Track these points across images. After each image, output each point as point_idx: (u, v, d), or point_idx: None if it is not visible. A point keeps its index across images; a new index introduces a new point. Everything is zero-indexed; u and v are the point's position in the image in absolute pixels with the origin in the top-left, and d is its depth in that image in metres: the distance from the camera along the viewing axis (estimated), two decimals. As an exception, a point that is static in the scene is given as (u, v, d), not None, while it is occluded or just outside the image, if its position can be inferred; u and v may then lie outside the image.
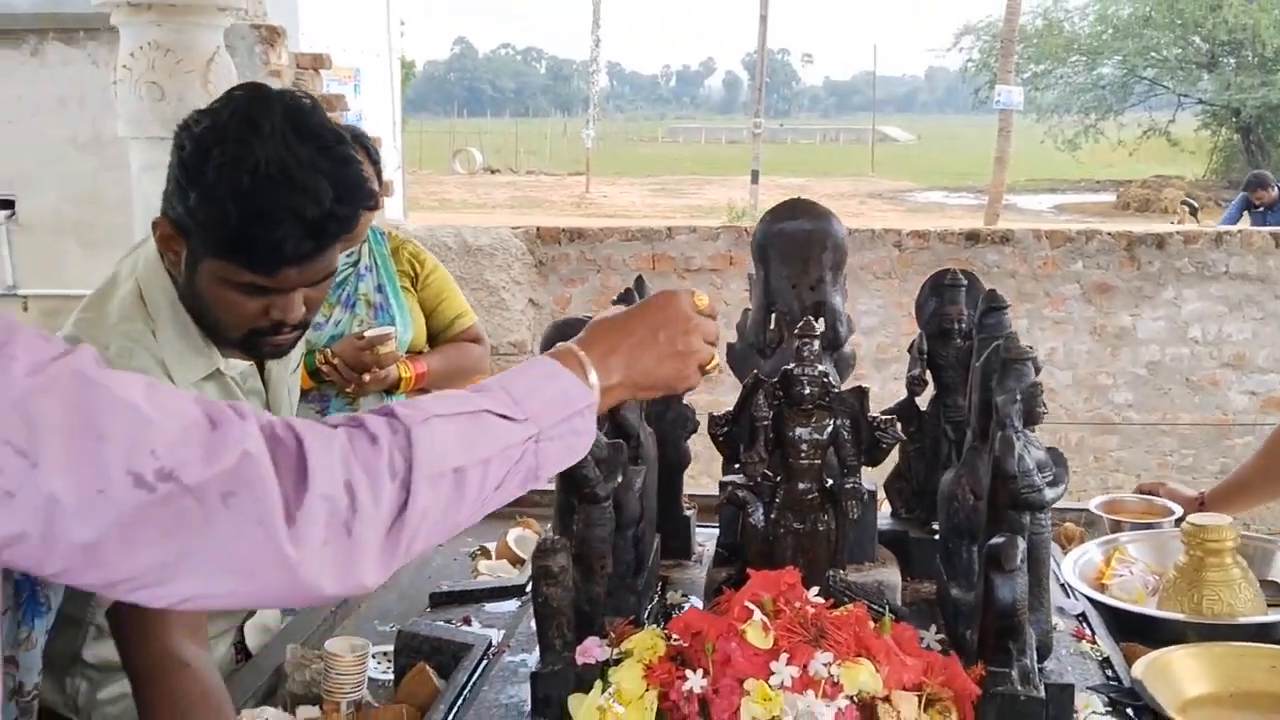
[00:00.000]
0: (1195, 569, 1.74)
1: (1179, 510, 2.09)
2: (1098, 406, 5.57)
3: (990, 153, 17.80)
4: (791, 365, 1.40)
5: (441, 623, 1.75)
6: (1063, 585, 1.85)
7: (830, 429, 1.41)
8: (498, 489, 0.99)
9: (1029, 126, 30.94)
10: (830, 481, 1.44)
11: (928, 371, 1.85)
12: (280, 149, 1.34)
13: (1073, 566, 1.89)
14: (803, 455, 1.40)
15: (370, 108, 11.32)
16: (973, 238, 5.54)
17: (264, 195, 1.34)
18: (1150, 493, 2.23)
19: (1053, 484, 1.37)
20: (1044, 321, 5.53)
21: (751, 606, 1.38)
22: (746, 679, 1.32)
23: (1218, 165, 26.90)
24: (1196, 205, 11.21)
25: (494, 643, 1.66)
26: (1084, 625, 1.70)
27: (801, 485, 1.42)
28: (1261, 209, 8.21)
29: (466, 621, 1.78)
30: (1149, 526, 2.05)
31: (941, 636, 1.58)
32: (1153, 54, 27.00)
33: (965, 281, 1.84)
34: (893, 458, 1.96)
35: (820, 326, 1.41)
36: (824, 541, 1.44)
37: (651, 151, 43.65)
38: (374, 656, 1.69)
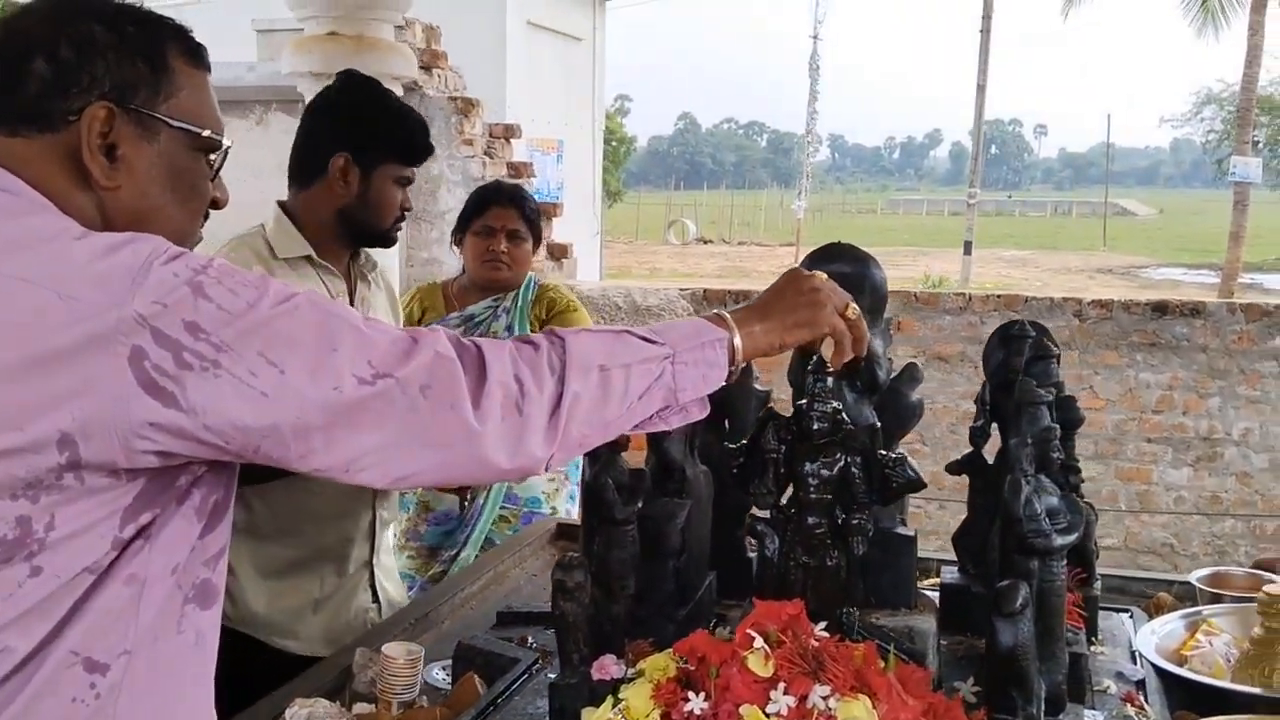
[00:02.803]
0: (1270, 641, 1.65)
1: (1284, 585, 1.96)
2: (1300, 491, 5.16)
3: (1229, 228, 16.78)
4: (803, 401, 1.44)
5: (501, 639, 1.85)
6: (1133, 652, 1.78)
7: (840, 465, 1.43)
8: (641, 398, 1.17)
9: (1278, 201, 28.92)
10: (841, 518, 1.46)
11: (993, 424, 1.83)
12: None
13: (1150, 635, 1.81)
14: (812, 490, 1.43)
15: (571, 177, 11.86)
16: (1160, 309, 5.28)
17: (406, 113, 2.17)
18: (1267, 568, 2.10)
19: (1064, 531, 1.35)
20: (1238, 400, 5.19)
21: (754, 635, 1.42)
22: (744, 705, 1.36)
23: None
24: None
25: (540, 660, 1.75)
26: (1139, 691, 1.63)
27: (811, 520, 1.44)
28: None
29: (523, 640, 1.87)
30: (1244, 601, 1.93)
31: (979, 689, 1.56)
32: None
33: (1034, 333, 1.81)
34: (961, 511, 1.95)
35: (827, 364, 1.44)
36: (834, 577, 1.46)
37: (868, 223, 43.26)
38: (442, 665, 1.81)
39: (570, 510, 3.00)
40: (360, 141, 2.08)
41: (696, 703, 1.38)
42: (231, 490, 1.10)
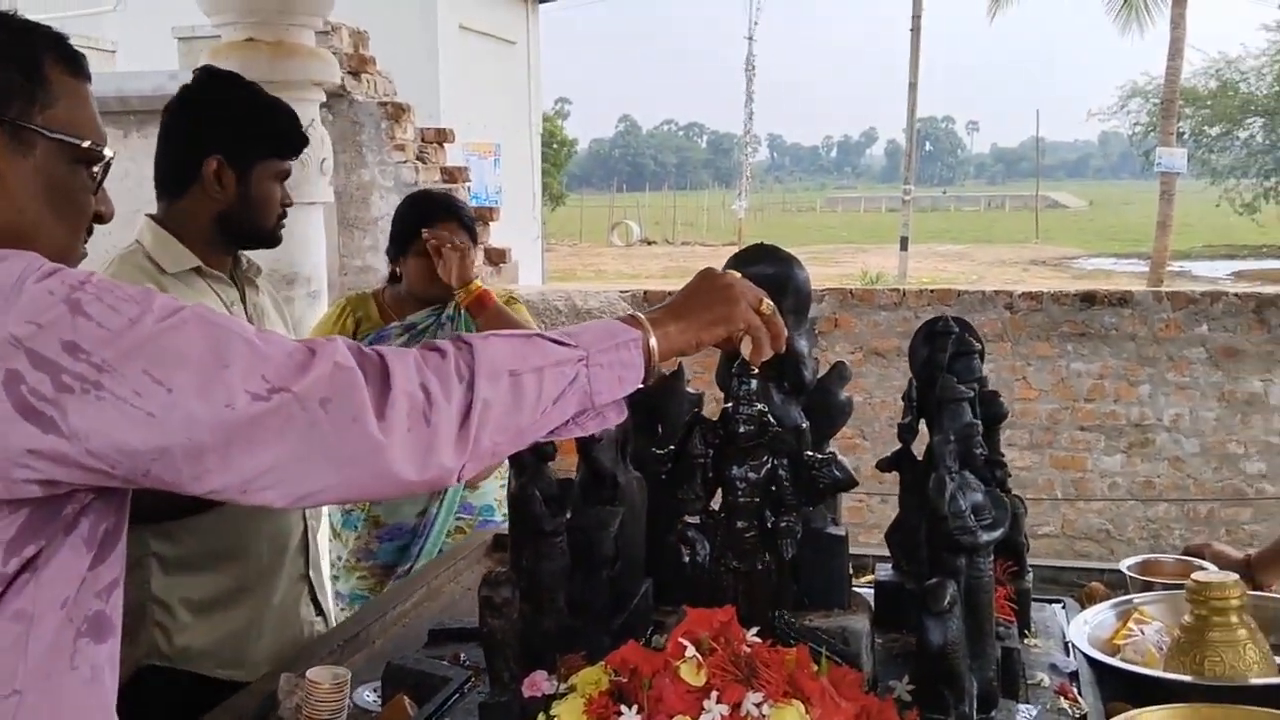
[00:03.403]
0: (1200, 629, 1.66)
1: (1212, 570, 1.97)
2: (1228, 477, 5.26)
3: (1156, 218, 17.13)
4: (728, 404, 1.42)
5: (433, 658, 1.81)
6: (1065, 643, 1.78)
7: (767, 467, 1.42)
8: (555, 403, 1.14)
9: (1203, 190, 29.61)
10: (770, 521, 1.45)
11: (920, 420, 1.82)
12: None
13: (1083, 625, 1.82)
14: (740, 494, 1.41)
15: (510, 181, 11.80)
16: (1089, 299, 5.36)
17: (276, 105, 2.08)
18: (1196, 554, 2.12)
19: (990, 527, 1.35)
20: (1168, 386, 5.28)
21: (685, 643, 1.39)
22: (677, 716, 1.33)
23: None
24: None
25: (473, 678, 1.71)
26: (1072, 684, 1.64)
27: (740, 524, 1.43)
28: None
29: (456, 658, 1.83)
30: (1174, 588, 1.95)
31: (913, 688, 1.55)
32: (1338, 112, 25.56)
33: (956, 329, 1.81)
34: (893, 508, 1.94)
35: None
36: (765, 581, 1.44)
37: (808, 221, 43.60)
38: (373, 687, 1.77)
39: None
40: (232, 141, 2.00)
41: (629, 716, 1.35)
42: (124, 517, 1.06)
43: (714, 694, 1.34)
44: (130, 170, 4.05)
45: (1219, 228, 28.97)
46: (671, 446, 1.54)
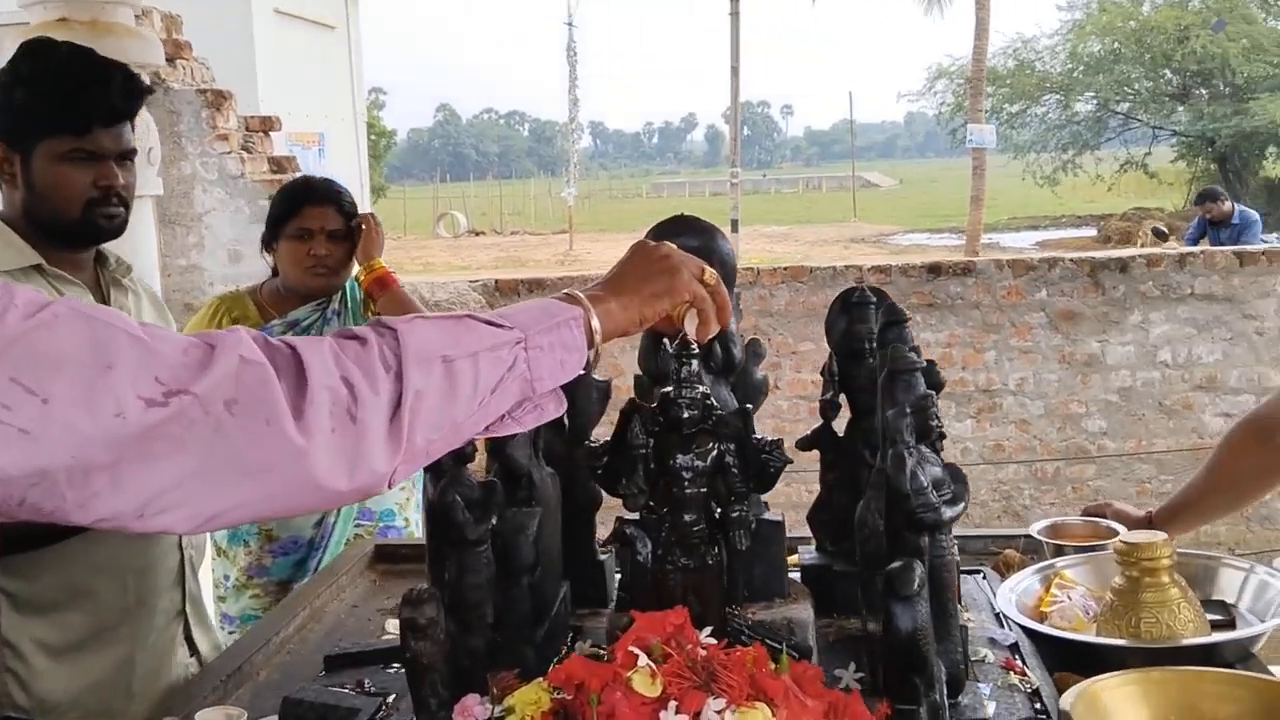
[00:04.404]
0: (1132, 591, 1.64)
1: (1123, 530, 1.98)
2: (1072, 436, 5.47)
3: (969, 193, 17.89)
4: (669, 388, 1.31)
5: (333, 687, 1.64)
6: (997, 614, 1.75)
7: (714, 454, 1.31)
8: (494, 392, 1.01)
9: (1007, 164, 31.18)
10: (719, 511, 1.34)
11: (841, 395, 1.76)
12: (75, 48, 1.77)
13: (1009, 594, 1.79)
14: (686, 484, 1.30)
15: (337, 172, 11.35)
16: (935, 270, 5.48)
17: (73, 71, 1.74)
18: (1097, 514, 2.12)
19: (951, 502, 1.28)
20: (1011, 351, 5.45)
21: (636, 652, 1.28)
22: (633, 731, 1.22)
23: (1195, 196, 27.01)
24: (1166, 232, 11.17)
25: (384, 706, 1.55)
26: (1015, 656, 1.59)
27: (687, 517, 1.32)
28: (1216, 224, 8.03)
29: (360, 685, 1.66)
30: (1091, 550, 1.95)
31: (861, 675, 1.48)
32: (1125, 89, 27.28)
33: (874, 299, 1.75)
34: (813, 488, 1.87)
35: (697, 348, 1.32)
36: (715, 577, 1.34)
37: (635, 207, 43.86)
38: (264, 727, 1.58)
39: (417, 522, 2.77)
40: (7, 122, 1.75)
41: (579, 735, 1.23)
42: None
43: (672, 704, 1.23)
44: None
45: (1022, 200, 30.54)
46: (591, 440, 1.41)
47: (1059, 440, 5.47)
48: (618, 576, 1.86)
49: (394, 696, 1.59)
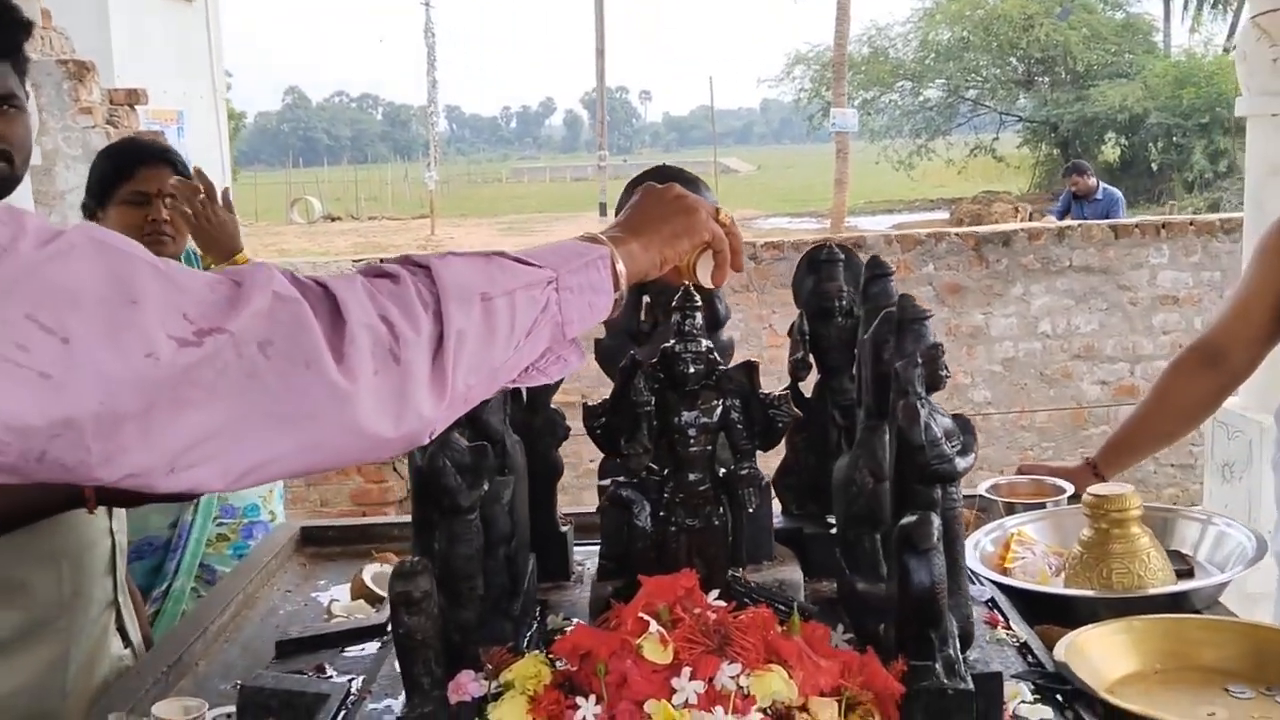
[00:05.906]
0: (1101, 542, 1.66)
1: (1069, 487, 2.02)
2: (959, 405, 5.62)
3: (828, 178, 18.28)
4: (672, 342, 1.25)
5: (291, 674, 1.53)
6: (971, 573, 1.75)
7: (720, 411, 1.26)
8: (529, 335, 0.95)
9: (863, 150, 31.98)
10: (723, 470, 1.29)
11: (810, 355, 1.73)
12: None
13: (973, 551, 1.79)
14: (691, 442, 1.25)
15: (196, 152, 10.85)
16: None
17: None
18: (1031, 472, 2.16)
19: (962, 453, 1.26)
20: (901, 325, 5.56)
21: (646, 617, 1.22)
22: (646, 700, 1.16)
23: (1040, 179, 28.17)
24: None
25: (353, 690, 1.46)
26: (996, 611, 1.59)
27: (693, 476, 1.26)
28: (1080, 197, 8.28)
29: (320, 670, 1.56)
30: (1043, 506, 1.97)
31: (850, 636, 1.45)
32: (974, 75, 28.27)
33: (843, 255, 1.73)
34: (779, 451, 1.84)
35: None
36: (721, 538, 1.29)
37: (496, 192, 43.44)
38: (218, 716, 1.46)
39: (283, 514, 2.62)
40: None
41: (588, 708, 1.17)
42: None
43: (685, 670, 1.18)
44: None
45: (877, 185, 31.35)
46: (587, 400, 1.35)
47: (947, 409, 5.61)
48: (575, 550, 1.80)
49: (363, 679, 1.49)
